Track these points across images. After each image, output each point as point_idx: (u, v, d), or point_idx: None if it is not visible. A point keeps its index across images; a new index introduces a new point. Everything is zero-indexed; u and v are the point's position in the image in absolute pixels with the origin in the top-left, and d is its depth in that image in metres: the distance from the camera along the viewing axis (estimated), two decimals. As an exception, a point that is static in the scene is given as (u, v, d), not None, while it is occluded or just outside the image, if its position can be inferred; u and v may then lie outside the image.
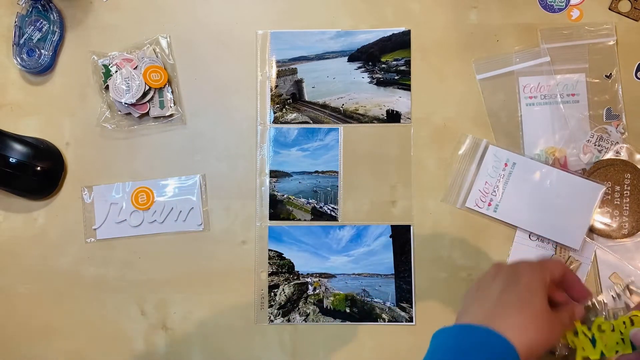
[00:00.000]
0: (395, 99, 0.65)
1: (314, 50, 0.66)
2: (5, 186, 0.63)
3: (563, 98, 0.63)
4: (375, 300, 0.63)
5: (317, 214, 0.64)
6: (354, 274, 0.64)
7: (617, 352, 0.48)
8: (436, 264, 0.63)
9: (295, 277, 0.64)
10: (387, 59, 0.65)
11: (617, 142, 0.63)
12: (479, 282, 0.48)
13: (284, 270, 0.64)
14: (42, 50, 0.65)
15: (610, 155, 0.62)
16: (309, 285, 0.64)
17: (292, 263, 0.64)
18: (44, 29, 0.65)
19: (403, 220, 0.64)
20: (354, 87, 0.65)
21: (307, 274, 0.64)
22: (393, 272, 0.63)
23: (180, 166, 0.65)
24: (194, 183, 0.65)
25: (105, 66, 0.64)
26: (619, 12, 0.64)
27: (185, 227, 0.64)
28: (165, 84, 0.64)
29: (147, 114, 0.65)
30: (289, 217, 0.64)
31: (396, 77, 0.65)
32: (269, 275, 0.64)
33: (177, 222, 0.64)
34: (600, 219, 0.61)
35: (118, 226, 0.64)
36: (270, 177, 0.65)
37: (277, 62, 0.66)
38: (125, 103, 0.63)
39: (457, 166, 0.63)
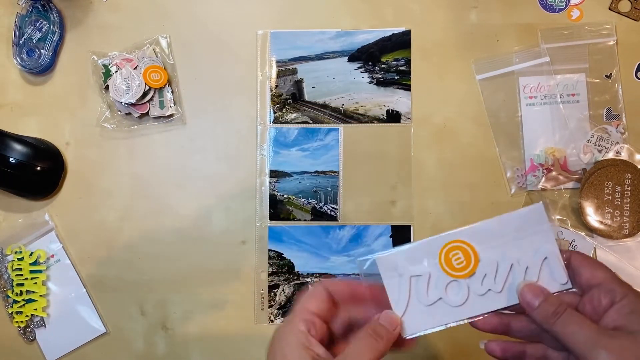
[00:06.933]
0: (395, 99, 0.65)
1: (314, 50, 0.66)
2: (5, 186, 0.63)
3: (563, 98, 0.63)
4: (375, 300, 0.63)
5: (317, 214, 0.64)
6: (354, 274, 0.63)
7: None
8: (436, 264, 0.63)
9: (295, 277, 0.64)
10: (387, 59, 0.65)
11: (618, 142, 0.62)
12: None
13: (284, 270, 0.64)
14: (42, 50, 0.65)
15: (610, 155, 0.62)
16: (309, 286, 0.64)
17: (292, 263, 0.64)
18: (44, 29, 0.65)
19: (403, 220, 0.64)
20: (354, 87, 0.65)
21: (307, 274, 0.64)
22: (393, 272, 0.63)
23: (180, 166, 0.65)
24: (537, 212, 0.38)
25: (105, 66, 0.64)
26: (619, 12, 0.64)
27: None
28: (165, 84, 0.64)
29: (147, 114, 0.65)
30: (289, 217, 0.64)
31: (396, 77, 0.65)
32: (269, 275, 0.64)
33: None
34: (601, 219, 0.61)
35: (429, 311, 0.40)
36: (270, 177, 0.65)
37: (277, 62, 0.66)
38: (125, 103, 0.63)
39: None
